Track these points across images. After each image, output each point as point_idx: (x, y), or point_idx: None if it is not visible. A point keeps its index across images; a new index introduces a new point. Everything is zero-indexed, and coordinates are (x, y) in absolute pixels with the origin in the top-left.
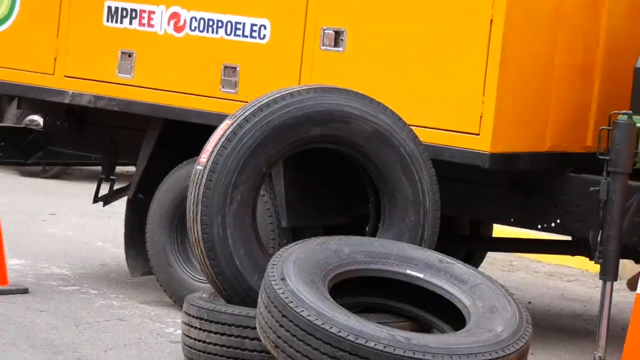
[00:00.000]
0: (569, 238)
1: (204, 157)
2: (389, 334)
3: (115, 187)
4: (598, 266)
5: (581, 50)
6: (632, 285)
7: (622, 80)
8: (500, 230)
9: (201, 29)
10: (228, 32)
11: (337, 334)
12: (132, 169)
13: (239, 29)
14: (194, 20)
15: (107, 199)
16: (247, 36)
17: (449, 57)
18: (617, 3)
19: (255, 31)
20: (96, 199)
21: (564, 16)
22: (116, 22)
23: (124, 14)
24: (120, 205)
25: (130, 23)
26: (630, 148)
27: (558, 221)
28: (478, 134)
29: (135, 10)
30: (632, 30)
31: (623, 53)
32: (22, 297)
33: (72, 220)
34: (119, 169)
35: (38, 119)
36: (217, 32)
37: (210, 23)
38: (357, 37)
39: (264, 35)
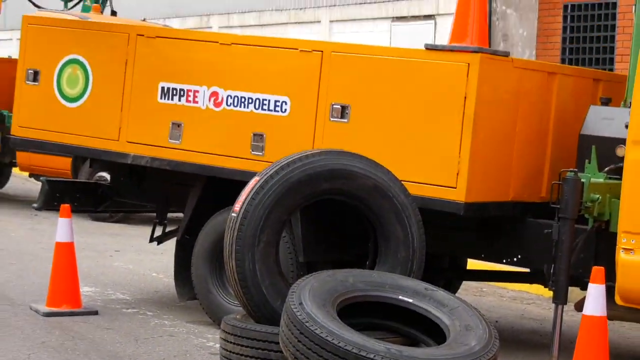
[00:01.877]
0: (528, 270)
1: (237, 206)
2: (386, 347)
3: (167, 229)
4: (551, 292)
5: (537, 120)
6: (578, 308)
7: (570, 144)
8: (472, 263)
9: (235, 104)
10: (257, 107)
11: (344, 347)
12: (180, 215)
13: (265, 104)
14: (229, 97)
15: (160, 239)
16: (271, 110)
17: (431, 126)
18: (565, 83)
19: (278, 106)
20: (151, 239)
21: (523, 94)
22: (168, 99)
23: (174, 92)
24: (170, 244)
25: (179, 100)
26: (576, 199)
27: (519, 256)
28: (455, 187)
29: (183, 90)
30: (576, 105)
31: (570, 123)
32: (93, 317)
33: (132, 256)
34: (170, 215)
35: (106, 176)
36: (248, 107)
37: (243, 100)
38: (360, 111)
39: (285, 109)
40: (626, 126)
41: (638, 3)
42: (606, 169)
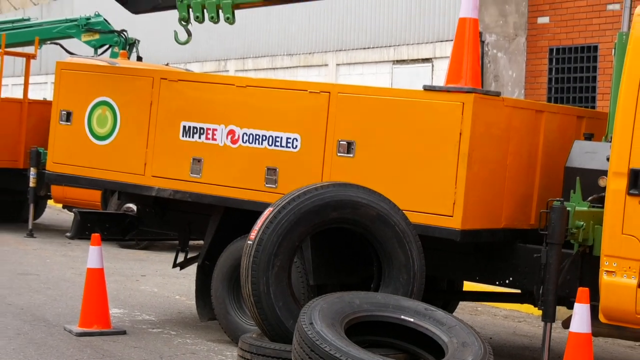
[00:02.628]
0: (519, 291)
1: (252, 234)
2: None
3: (189, 256)
4: (541, 311)
5: (526, 154)
6: (566, 325)
7: (556, 176)
8: (468, 285)
9: (250, 141)
10: (270, 143)
11: None
12: (200, 242)
13: (278, 141)
14: (245, 135)
15: (182, 265)
16: (284, 146)
17: (429, 160)
18: (551, 120)
19: (290, 143)
20: (174, 265)
21: (513, 130)
22: (189, 137)
23: (195, 131)
24: (192, 269)
25: (199, 138)
26: (562, 225)
27: (511, 279)
28: (452, 216)
29: (203, 128)
30: (562, 140)
31: (556, 156)
32: (121, 337)
33: (157, 280)
34: (191, 242)
35: (133, 207)
36: (262, 144)
37: (257, 137)
38: (364, 146)
39: (296, 146)
40: (607, 159)
41: (617, 47)
42: (590, 198)
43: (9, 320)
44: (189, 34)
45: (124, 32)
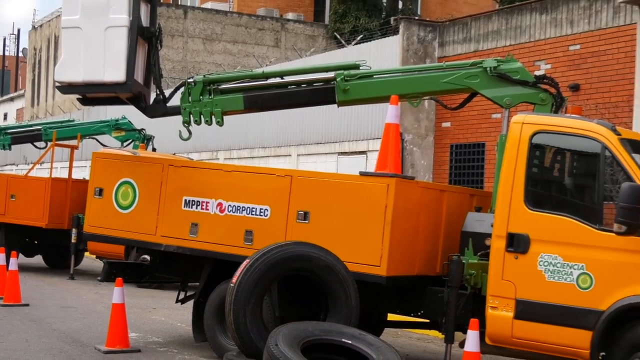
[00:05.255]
0: (428, 320)
1: (234, 279)
2: None
3: (188, 294)
4: (443, 335)
5: (433, 221)
6: (462, 346)
7: (455, 237)
8: (391, 316)
9: (234, 211)
10: (248, 212)
11: None
12: (196, 284)
13: (254, 211)
14: (230, 206)
15: (183, 300)
16: (258, 215)
17: (363, 225)
18: (451, 197)
19: (262, 212)
20: (177, 300)
21: (423, 204)
22: (189, 207)
23: (193, 203)
24: (190, 304)
25: (196, 208)
26: (459, 273)
27: (422, 311)
28: (379, 266)
29: (199, 201)
30: (459, 211)
31: (455, 223)
32: (136, 354)
33: (164, 312)
34: (189, 284)
35: (147, 257)
36: (242, 213)
37: (239, 208)
38: (316, 215)
39: (267, 214)
40: (491, 225)
41: (498, 144)
42: (479, 253)
43: (54, 342)
44: (190, 133)
45: (143, 130)
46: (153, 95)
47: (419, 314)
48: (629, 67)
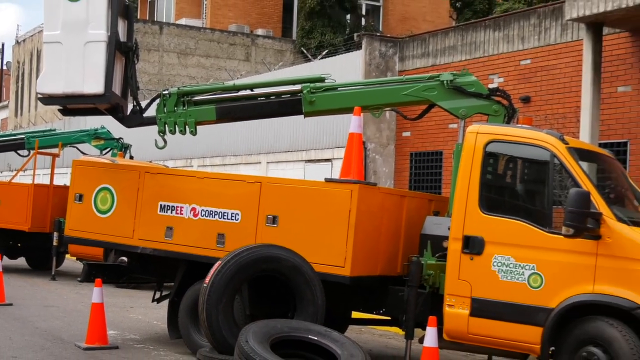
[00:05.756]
0: (389, 317)
1: (207, 279)
2: None
3: (163, 293)
4: (404, 331)
5: (394, 225)
6: (421, 341)
7: (414, 239)
8: (355, 314)
9: (207, 215)
10: (220, 216)
11: None
12: (171, 284)
13: (225, 215)
14: (203, 211)
15: (159, 300)
16: (229, 219)
17: (329, 228)
18: (411, 202)
19: (233, 216)
20: (153, 300)
21: (385, 208)
22: (164, 212)
23: (168, 208)
24: (165, 303)
25: (171, 212)
26: (418, 274)
27: (384, 309)
28: (343, 267)
29: (174, 206)
30: (418, 215)
31: (414, 226)
32: (115, 350)
33: (141, 310)
34: (165, 284)
35: (125, 259)
36: (214, 217)
37: (211, 212)
38: (284, 219)
39: (238, 218)
40: (448, 228)
41: (455, 153)
42: (437, 255)
43: (36, 339)
44: (165, 141)
45: (121, 139)
46: (130, 106)
47: (381, 311)
48: (576, 80)
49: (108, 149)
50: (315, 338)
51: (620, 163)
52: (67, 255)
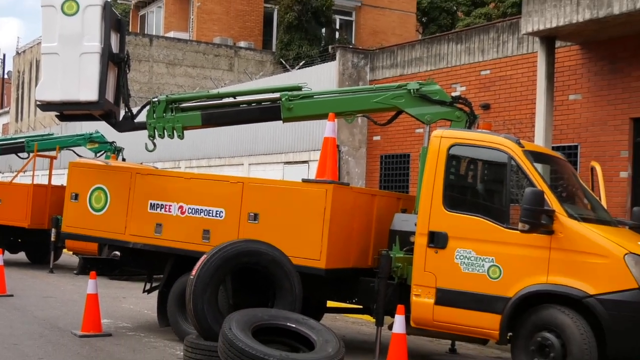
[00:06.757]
0: (361, 306)
1: (193, 272)
2: (280, 353)
3: (153, 285)
4: (374, 319)
5: (365, 221)
6: (390, 328)
7: (384, 234)
8: (330, 303)
9: (193, 213)
10: (205, 214)
11: (255, 354)
12: (161, 276)
13: (211, 212)
14: (190, 209)
15: (149, 290)
16: (214, 216)
17: (306, 224)
18: (381, 200)
19: (218, 214)
20: (144, 291)
21: (357, 206)
22: (154, 210)
23: (158, 206)
24: (155, 294)
25: (161, 210)
26: (388, 266)
27: (356, 299)
28: (319, 260)
29: (163, 204)
30: (387, 212)
31: (384, 222)
32: (108, 338)
33: (132, 300)
34: (155, 276)
35: (118, 254)
36: (200, 214)
37: (197, 210)
38: (265, 216)
39: (222, 216)
40: (415, 224)
41: (421, 155)
42: (405, 248)
43: (35, 327)
44: (154, 145)
45: (114, 143)
46: (122, 113)
47: (354, 301)
48: (531, 89)
49: (102, 152)
50: (294, 325)
51: (571, 165)
52: (64, 250)
